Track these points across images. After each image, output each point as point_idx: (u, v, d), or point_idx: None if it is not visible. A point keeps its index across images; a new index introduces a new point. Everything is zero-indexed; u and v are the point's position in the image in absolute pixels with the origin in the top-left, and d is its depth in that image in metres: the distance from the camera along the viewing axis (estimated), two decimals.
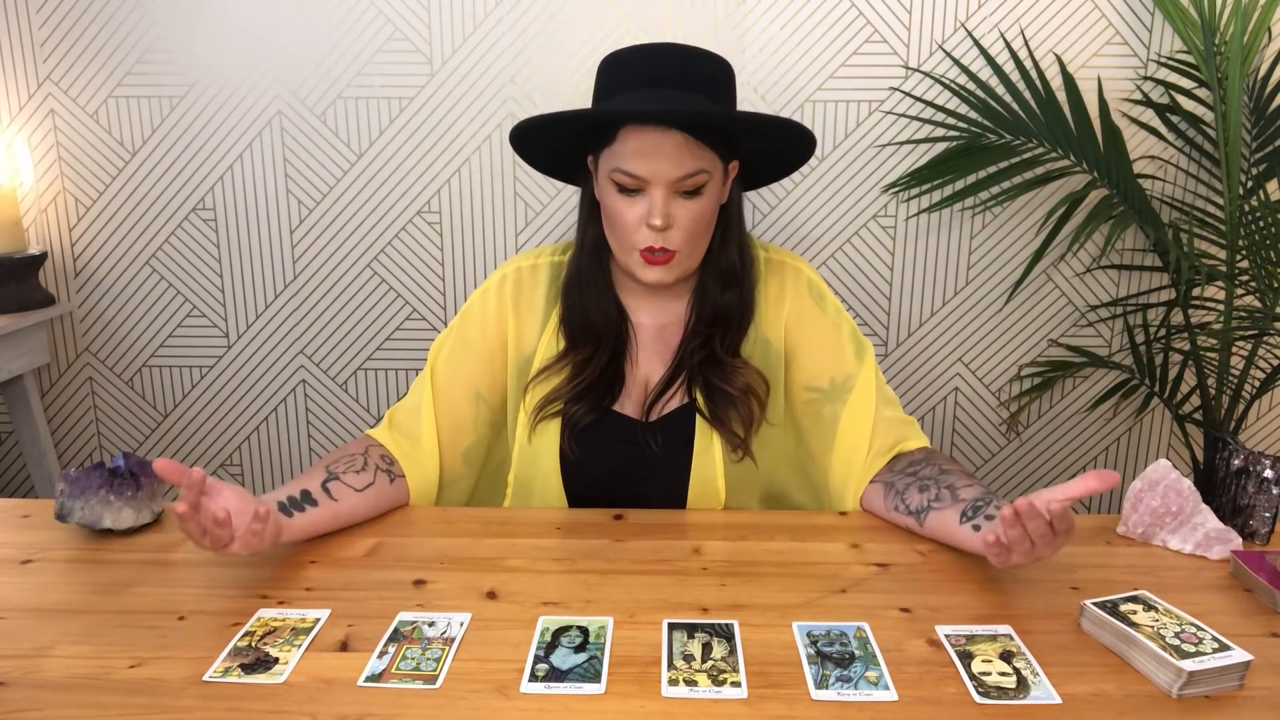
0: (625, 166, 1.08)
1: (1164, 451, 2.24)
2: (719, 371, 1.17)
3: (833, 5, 2.01)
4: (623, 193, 1.10)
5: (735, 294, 1.18)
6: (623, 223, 1.11)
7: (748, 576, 0.98)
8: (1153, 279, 2.11)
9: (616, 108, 1.09)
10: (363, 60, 2.06)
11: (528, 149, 1.21)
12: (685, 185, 1.09)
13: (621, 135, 1.08)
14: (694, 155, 1.08)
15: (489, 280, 1.26)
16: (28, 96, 2.12)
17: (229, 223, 2.17)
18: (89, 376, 2.28)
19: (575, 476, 1.19)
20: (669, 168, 1.07)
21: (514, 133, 1.15)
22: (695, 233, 1.12)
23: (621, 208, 1.10)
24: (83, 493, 1.06)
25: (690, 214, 1.10)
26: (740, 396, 1.16)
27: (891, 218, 2.12)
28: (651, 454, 1.17)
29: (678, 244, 1.10)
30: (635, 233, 1.10)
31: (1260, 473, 1.05)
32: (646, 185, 1.08)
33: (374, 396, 2.25)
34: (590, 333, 1.19)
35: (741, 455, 1.16)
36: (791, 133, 1.13)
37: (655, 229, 1.09)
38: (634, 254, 1.12)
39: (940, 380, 2.21)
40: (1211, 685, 0.78)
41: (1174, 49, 2.00)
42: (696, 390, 1.18)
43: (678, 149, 1.07)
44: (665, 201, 1.08)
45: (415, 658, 0.83)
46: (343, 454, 1.15)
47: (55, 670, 0.81)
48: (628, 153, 1.08)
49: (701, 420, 1.17)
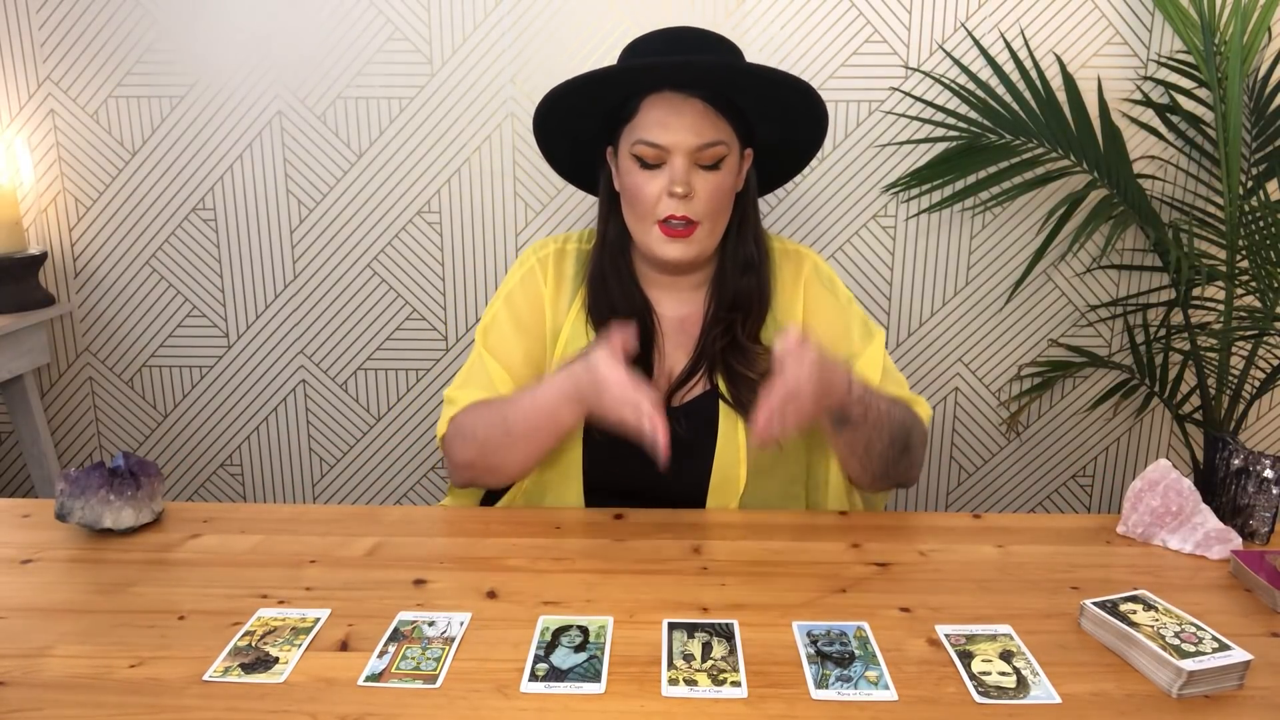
0: (647, 137, 1.11)
1: (1164, 451, 2.24)
2: (741, 358, 1.19)
3: (833, 5, 2.01)
4: (644, 167, 1.13)
5: (753, 279, 1.22)
6: (643, 196, 1.13)
7: (748, 576, 0.99)
8: (1153, 279, 2.11)
9: (638, 64, 1.12)
10: (363, 60, 2.06)
11: (552, 142, 1.23)
12: (705, 157, 1.12)
13: (643, 106, 1.12)
14: (713, 125, 1.11)
15: (526, 260, 1.27)
16: (28, 96, 2.12)
17: (229, 223, 2.17)
18: (89, 376, 2.28)
19: (597, 459, 1.20)
20: (689, 135, 1.10)
21: (539, 111, 1.18)
22: (715, 206, 1.14)
23: (641, 182, 1.13)
24: (83, 493, 1.06)
25: (710, 185, 1.13)
26: (762, 382, 1.17)
27: (891, 218, 2.12)
28: (675, 437, 1.18)
29: (700, 214, 1.13)
30: (656, 205, 1.13)
31: (1260, 473, 1.05)
32: (668, 155, 1.11)
33: (374, 396, 2.25)
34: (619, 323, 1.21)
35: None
36: (807, 100, 1.16)
37: (677, 196, 1.11)
38: (654, 230, 1.14)
39: (940, 380, 2.21)
40: (1211, 685, 0.78)
41: (1174, 49, 2.00)
42: (719, 377, 1.20)
43: (697, 117, 1.11)
44: (686, 170, 1.11)
45: (415, 657, 0.83)
46: (494, 402, 1.17)
47: (55, 670, 0.81)
48: (649, 123, 1.11)
49: (725, 406, 1.19)
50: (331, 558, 1.03)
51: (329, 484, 2.32)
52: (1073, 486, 2.27)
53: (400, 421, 2.26)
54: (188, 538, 1.08)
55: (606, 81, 1.14)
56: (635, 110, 1.13)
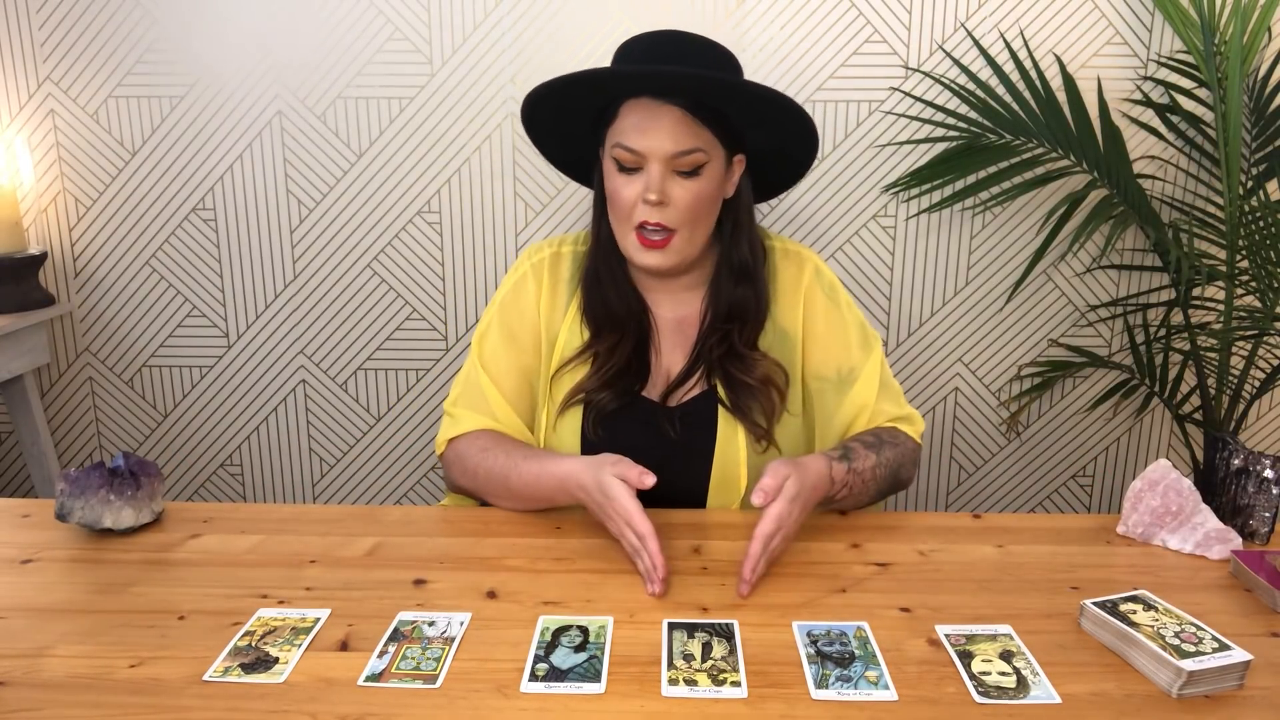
0: (624, 141, 1.10)
1: (1164, 451, 2.24)
2: (738, 364, 1.19)
3: (833, 5, 2.01)
4: (622, 171, 1.12)
5: (749, 289, 1.20)
6: (620, 200, 1.13)
7: None
8: (1153, 279, 2.11)
9: (613, 70, 1.12)
10: (363, 60, 2.06)
11: (541, 133, 1.23)
12: (682, 164, 1.10)
13: (622, 110, 1.11)
14: (691, 132, 1.10)
15: (520, 266, 1.27)
16: (28, 96, 2.12)
17: (229, 223, 2.17)
18: (89, 376, 2.28)
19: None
20: (665, 142, 1.09)
21: (524, 106, 1.17)
22: (694, 214, 1.13)
23: (619, 185, 1.12)
24: (83, 493, 1.06)
25: (688, 194, 1.11)
26: (760, 387, 1.18)
27: (891, 218, 2.12)
28: (672, 438, 1.18)
29: (675, 223, 1.12)
30: (633, 210, 1.12)
31: (1260, 473, 1.05)
32: (644, 161, 1.10)
33: (374, 396, 2.25)
34: (614, 322, 1.21)
35: (766, 445, 1.18)
36: (790, 114, 1.14)
37: (650, 203, 1.10)
38: (631, 235, 1.14)
39: (940, 380, 2.21)
40: (1211, 685, 0.78)
41: (1174, 49, 2.00)
42: (716, 380, 1.20)
43: (675, 124, 1.09)
44: (661, 177, 1.10)
45: (415, 657, 0.83)
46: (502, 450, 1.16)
47: (55, 670, 0.81)
48: (627, 128, 1.10)
49: (724, 410, 1.19)
50: (331, 558, 1.03)
51: (329, 484, 2.32)
52: (1073, 486, 2.27)
53: (400, 421, 2.26)
54: (188, 538, 1.08)
55: (582, 84, 1.13)
56: (616, 114, 1.12)
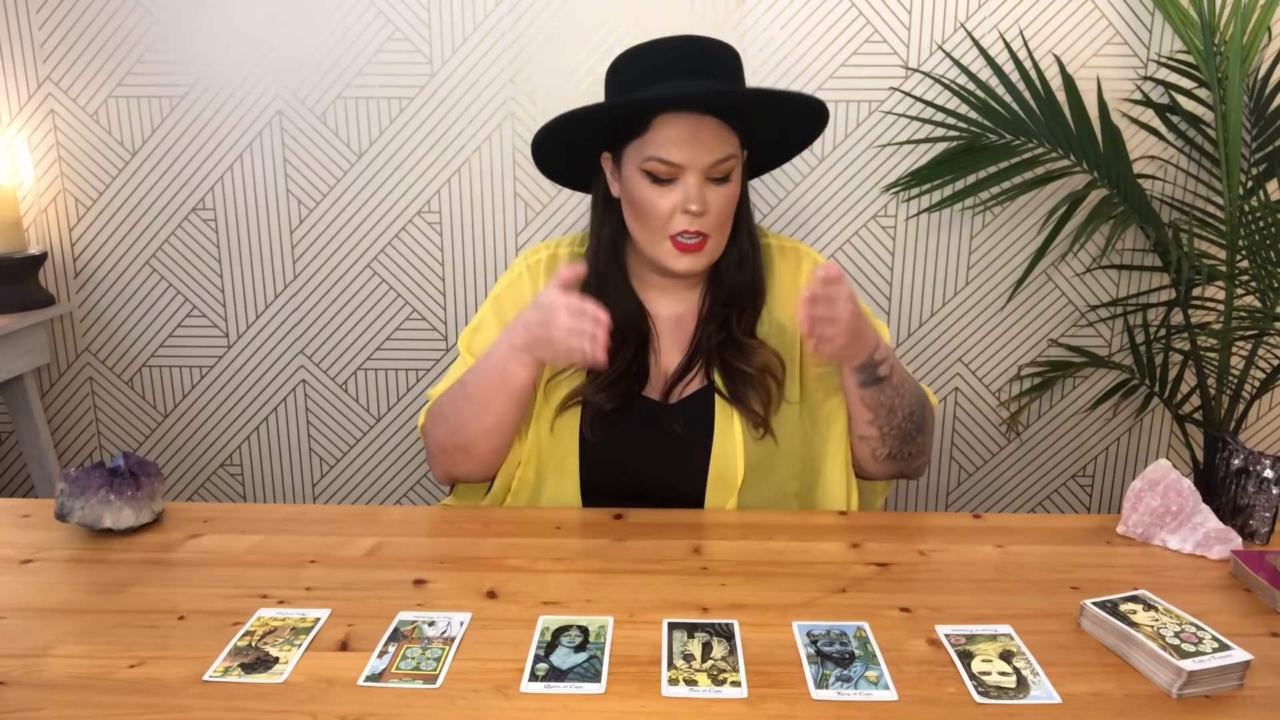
0: (661, 154, 1.11)
1: (1164, 451, 2.24)
2: (736, 352, 1.20)
3: (833, 5, 2.00)
4: (655, 182, 1.13)
5: (748, 274, 1.22)
6: (655, 211, 1.13)
7: (748, 576, 0.99)
8: (1153, 279, 2.11)
9: (666, 93, 1.11)
10: (363, 60, 2.06)
11: (549, 147, 1.22)
12: (718, 171, 1.13)
13: (656, 125, 1.12)
14: (725, 140, 1.12)
15: (516, 267, 1.28)
16: (28, 96, 2.12)
17: (229, 223, 2.17)
18: (89, 376, 2.28)
19: (594, 460, 1.20)
20: (704, 154, 1.11)
21: (541, 133, 1.17)
22: (726, 218, 1.16)
23: (653, 197, 1.13)
24: (83, 493, 1.06)
25: (722, 199, 1.14)
26: (757, 375, 1.19)
27: (891, 218, 2.12)
28: (672, 434, 1.18)
29: (711, 229, 1.14)
30: (669, 220, 1.13)
31: (1260, 473, 1.05)
32: (681, 172, 1.12)
33: (374, 396, 2.25)
34: (614, 328, 1.20)
35: (763, 433, 1.19)
36: (812, 112, 1.18)
37: (693, 214, 1.12)
38: (665, 244, 1.15)
39: (940, 380, 2.21)
40: (1211, 685, 0.78)
41: (1174, 49, 2.00)
42: (715, 372, 1.20)
43: (713, 134, 1.11)
44: (700, 187, 1.11)
45: (415, 657, 0.83)
46: (457, 382, 1.18)
47: (55, 670, 0.81)
48: (664, 141, 1.11)
49: (721, 401, 1.20)
50: (331, 558, 1.03)
51: (329, 484, 2.32)
52: (1073, 486, 2.27)
53: (400, 421, 2.26)
54: (188, 538, 1.08)
55: (629, 106, 1.14)
56: (646, 127, 1.12)
